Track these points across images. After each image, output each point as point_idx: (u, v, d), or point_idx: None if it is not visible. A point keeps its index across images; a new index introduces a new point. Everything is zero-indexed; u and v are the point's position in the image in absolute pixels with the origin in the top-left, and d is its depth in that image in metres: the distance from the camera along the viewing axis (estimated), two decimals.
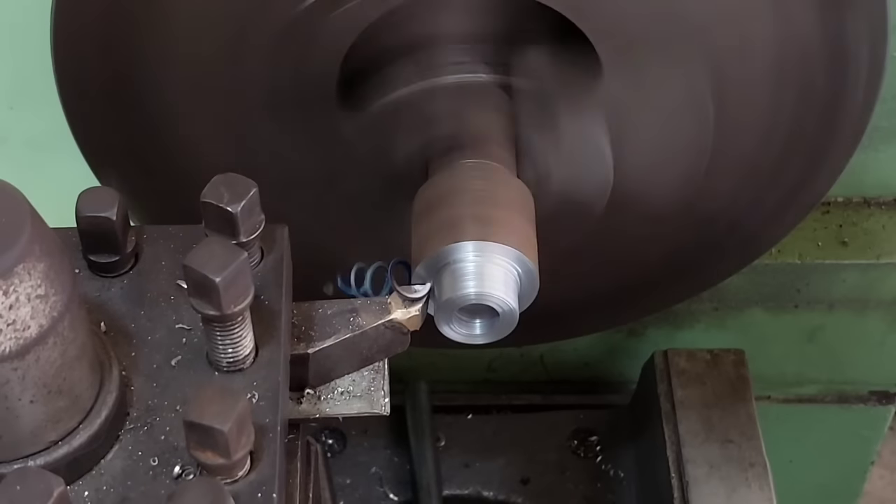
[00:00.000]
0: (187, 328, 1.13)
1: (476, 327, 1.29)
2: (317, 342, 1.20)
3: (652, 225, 1.56)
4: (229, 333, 1.07)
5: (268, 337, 1.12)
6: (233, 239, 1.12)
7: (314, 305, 1.23)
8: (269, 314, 1.14)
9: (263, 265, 1.18)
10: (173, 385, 1.09)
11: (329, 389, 1.23)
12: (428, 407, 1.98)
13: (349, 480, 1.95)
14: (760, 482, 1.74)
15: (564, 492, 1.94)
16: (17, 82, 1.64)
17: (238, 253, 1.03)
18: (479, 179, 1.36)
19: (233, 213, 1.11)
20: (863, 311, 1.95)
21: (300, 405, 1.22)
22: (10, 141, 1.70)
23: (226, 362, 1.09)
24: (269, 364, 1.10)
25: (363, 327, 1.21)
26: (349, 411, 1.23)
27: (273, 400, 1.08)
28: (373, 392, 1.24)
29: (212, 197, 1.12)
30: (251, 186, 1.12)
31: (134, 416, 1.07)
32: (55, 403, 1.00)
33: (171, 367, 1.10)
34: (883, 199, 1.87)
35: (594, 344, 2.03)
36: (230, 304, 1.03)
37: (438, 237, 1.29)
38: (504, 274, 1.27)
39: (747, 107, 1.44)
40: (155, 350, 1.12)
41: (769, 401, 2.09)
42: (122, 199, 1.13)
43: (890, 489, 2.93)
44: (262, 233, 1.15)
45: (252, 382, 1.09)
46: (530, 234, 1.32)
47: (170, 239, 1.19)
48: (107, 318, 1.13)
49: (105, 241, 1.14)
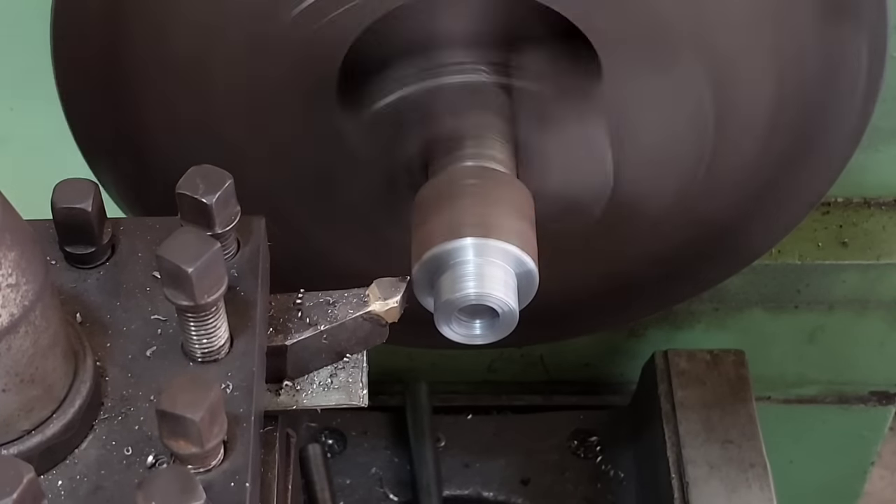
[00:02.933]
0: (163, 319, 1.13)
1: (476, 328, 1.29)
2: (295, 334, 1.20)
3: (651, 225, 1.56)
4: (203, 324, 1.07)
5: (243, 328, 1.12)
6: (208, 230, 1.12)
7: (292, 297, 1.23)
8: (245, 305, 1.14)
9: (239, 256, 1.18)
10: (148, 375, 1.10)
11: (307, 381, 1.23)
12: (428, 407, 1.98)
13: (349, 481, 1.95)
14: (761, 483, 1.74)
15: (564, 492, 1.94)
16: (17, 83, 1.64)
17: (211, 243, 1.04)
18: (479, 180, 1.35)
19: (207, 205, 1.12)
20: (863, 312, 1.94)
21: (278, 397, 1.22)
22: (10, 141, 1.70)
23: (200, 353, 1.10)
24: (243, 355, 1.11)
25: (341, 319, 1.21)
26: (327, 403, 1.23)
27: (247, 390, 1.08)
28: (351, 384, 1.24)
29: (187, 188, 1.12)
30: (226, 178, 1.13)
31: (108, 406, 1.08)
32: (27, 392, 1.00)
33: (146, 357, 1.11)
34: (883, 200, 1.87)
35: (594, 344, 2.03)
36: (203, 294, 1.04)
37: (438, 237, 1.28)
38: (504, 274, 1.26)
39: (747, 107, 1.44)
40: (130, 341, 1.12)
41: (769, 401, 2.09)
42: (98, 191, 1.14)
43: (890, 490, 2.93)
44: (239, 224, 1.15)
45: (226, 373, 1.09)
46: (530, 234, 1.32)
47: (146, 231, 1.20)
48: (82, 309, 1.13)
49: (81, 232, 1.15)
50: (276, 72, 1.39)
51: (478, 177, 1.36)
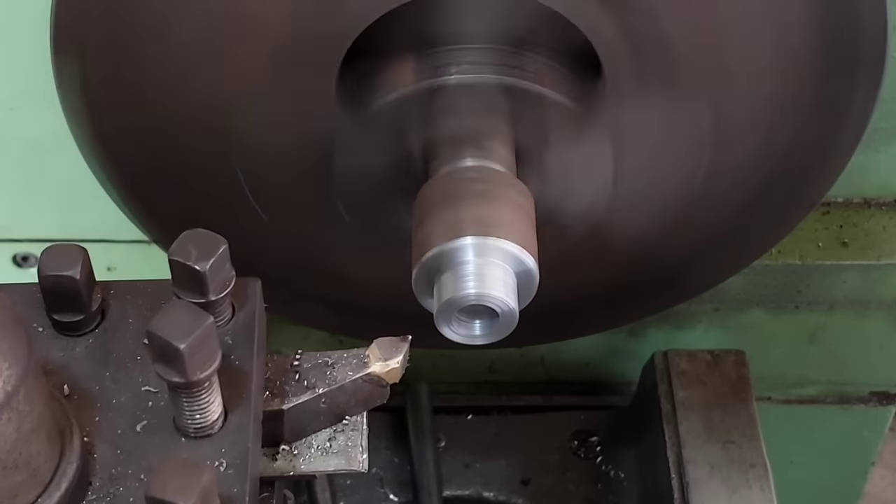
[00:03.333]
0: (154, 391, 1.09)
1: (476, 328, 1.29)
2: (292, 397, 1.16)
3: (651, 225, 1.56)
4: (196, 400, 1.04)
5: (237, 400, 1.08)
6: (202, 297, 1.08)
7: (289, 358, 1.19)
8: (239, 375, 1.10)
9: (234, 322, 1.14)
10: (138, 452, 1.05)
11: (305, 445, 1.19)
12: (428, 408, 1.98)
13: (349, 481, 1.94)
14: (761, 483, 1.73)
15: (565, 492, 1.94)
16: (17, 83, 1.64)
17: (203, 317, 1.00)
18: (479, 180, 1.36)
19: (201, 272, 1.08)
20: (863, 312, 1.94)
21: (275, 462, 1.18)
22: (10, 142, 1.70)
23: (193, 428, 1.06)
24: (238, 429, 1.06)
25: (340, 381, 1.17)
26: (326, 468, 1.19)
27: (242, 467, 1.04)
28: (350, 448, 1.20)
29: (179, 255, 1.08)
30: (220, 243, 1.09)
31: (96, 486, 1.03)
32: (11, 479, 0.96)
33: (136, 432, 1.07)
34: (883, 200, 1.87)
35: (595, 345, 2.03)
36: (196, 371, 1.00)
37: (439, 237, 1.28)
38: (504, 274, 1.26)
39: (747, 108, 1.44)
40: (120, 414, 1.08)
41: (770, 401, 2.09)
42: (87, 256, 1.10)
43: (891, 490, 2.93)
44: (234, 288, 1.11)
45: (220, 449, 1.05)
46: (530, 234, 1.32)
47: (137, 294, 1.15)
48: (70, 381, 1.09)
49: (69, 300, 1.10)
50: (275, 72, 1.39)
51: (478, 177, 1.36)
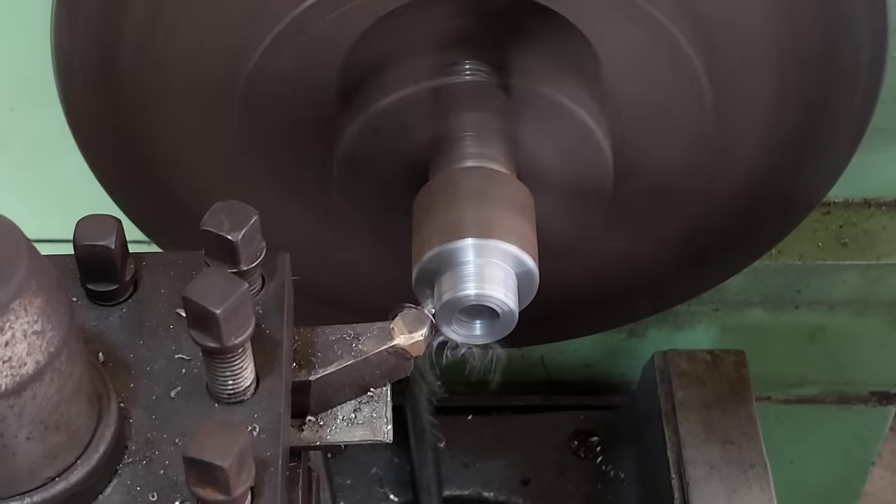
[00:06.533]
0: (187, 358, 1.10)
1: (476, 328, 1.29)
2: (319, 369, 1.18)
3: (650, 226, 1.56)
4: (230, 365, 1.05)
5: (269, 367, 1.10)
6: (233, 267, 1.10)
7: (316, 331, 1.20)
8: (271, 344, 1.12)
9: (264, 293, 1.16)
10: (173, 417, 1.07)
11: (331, 416, 1.21)
12: (428, 407, 1.98)
13: (349, 481, 1.95)
14: (761, 483, 1.74)
15: (565, 492, 1.94)
16: (17, 83, 1.64)
17: (239, 284, 1.01)
18: (479, 180, 1.35)
19: (233, 242, 1.09)
20: (863, 312, 1.95)
21: (302, 433, 1.20)
22: (10, 142, 1.70)
23: (226, 394, 1.07)
24: (270, 395, 1.08)
25: (366, 353, 1.19)
26: (351, 439, 1.21)
27: (274, 432, 1.06)
28: (375, 419, 1.22)
29: (212, 225, 1.10)
30: (252, 214, 1.11)
31: (132, 450, 1.05)
32: (52, 440, 0.98)
33: (170, 398, 1.08)
34: (883, 200, 1.87)
35: (595, 345, 2.03)
36: (231, 336, 1.02)
37: (438, 238, 1.28)
38: (504, 275, 1.27)
39: (747, 108, 1.44)
40: (154, 381, 1.09)
41: (769, 401, 2.09)
42: (121, 227, 1.11)
43: (891, 490, 2.93)
44: (264, 260, 1.13)
45: (253, 414, 1.07)
46: (530, 234, 1.32)
47: (169, 266, 1.17)
48: (105, 349, 1.11)
49: (103, 269, 1.12)
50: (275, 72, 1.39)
51: (478, 177, 1.36)
